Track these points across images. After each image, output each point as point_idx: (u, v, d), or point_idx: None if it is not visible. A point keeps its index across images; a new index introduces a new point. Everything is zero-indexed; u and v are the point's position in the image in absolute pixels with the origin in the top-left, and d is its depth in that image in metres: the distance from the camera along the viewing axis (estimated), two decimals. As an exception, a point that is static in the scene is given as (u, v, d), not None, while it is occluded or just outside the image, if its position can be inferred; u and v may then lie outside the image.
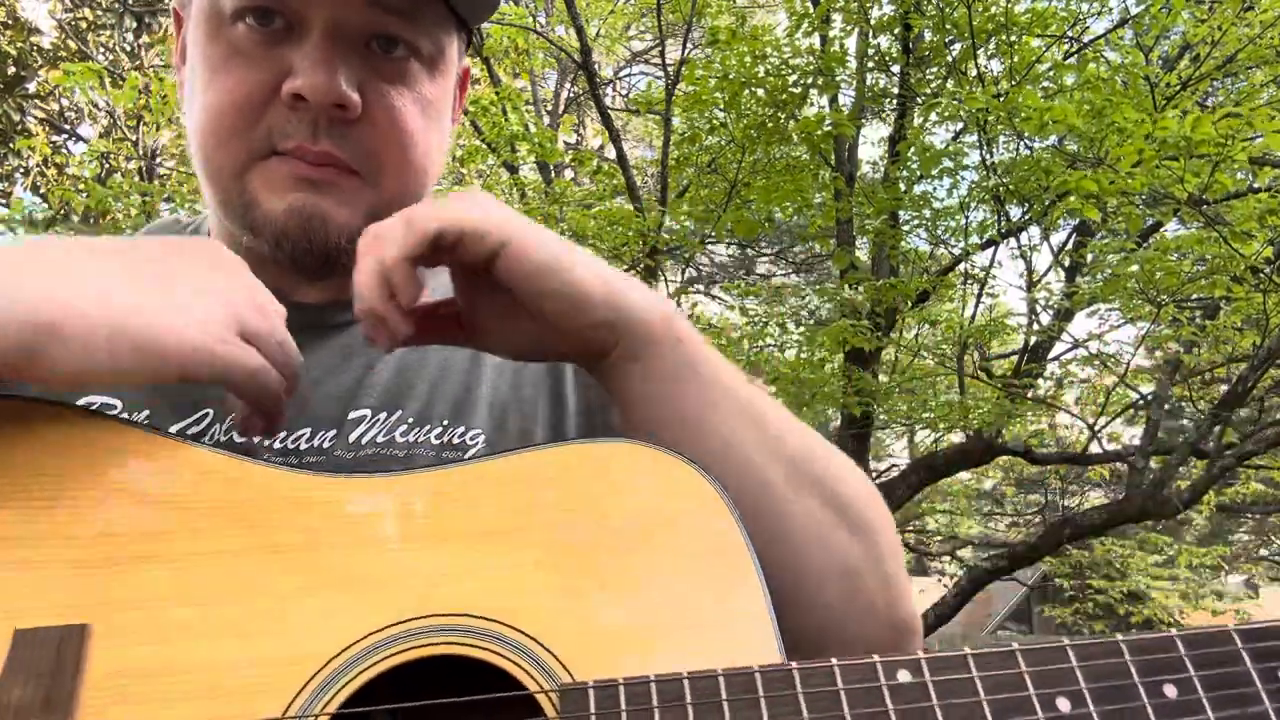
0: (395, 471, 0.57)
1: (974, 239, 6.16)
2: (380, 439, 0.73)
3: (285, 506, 0.54)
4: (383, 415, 0.74)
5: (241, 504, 0.54)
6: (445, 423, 0.75)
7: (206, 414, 0.70)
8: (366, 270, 0.59)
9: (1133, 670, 0.47)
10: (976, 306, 6.65)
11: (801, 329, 6.88)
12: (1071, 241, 6.86)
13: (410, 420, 0.74)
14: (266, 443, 0.69)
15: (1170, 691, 0.47)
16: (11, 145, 8.44)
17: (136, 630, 0.50)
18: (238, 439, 0.67)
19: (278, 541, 0.53)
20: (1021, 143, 5.22)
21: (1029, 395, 6.11)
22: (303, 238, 0.71)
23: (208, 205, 0.79)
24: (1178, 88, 5.07)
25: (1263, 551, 17.61)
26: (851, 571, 0.65)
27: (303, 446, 0.71)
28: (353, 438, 0.73)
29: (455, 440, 0.74)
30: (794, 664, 0.48)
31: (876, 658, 0.48)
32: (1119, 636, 0.49)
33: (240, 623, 0.50)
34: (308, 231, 0.71)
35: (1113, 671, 0.47)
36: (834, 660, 0.48)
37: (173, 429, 0.68)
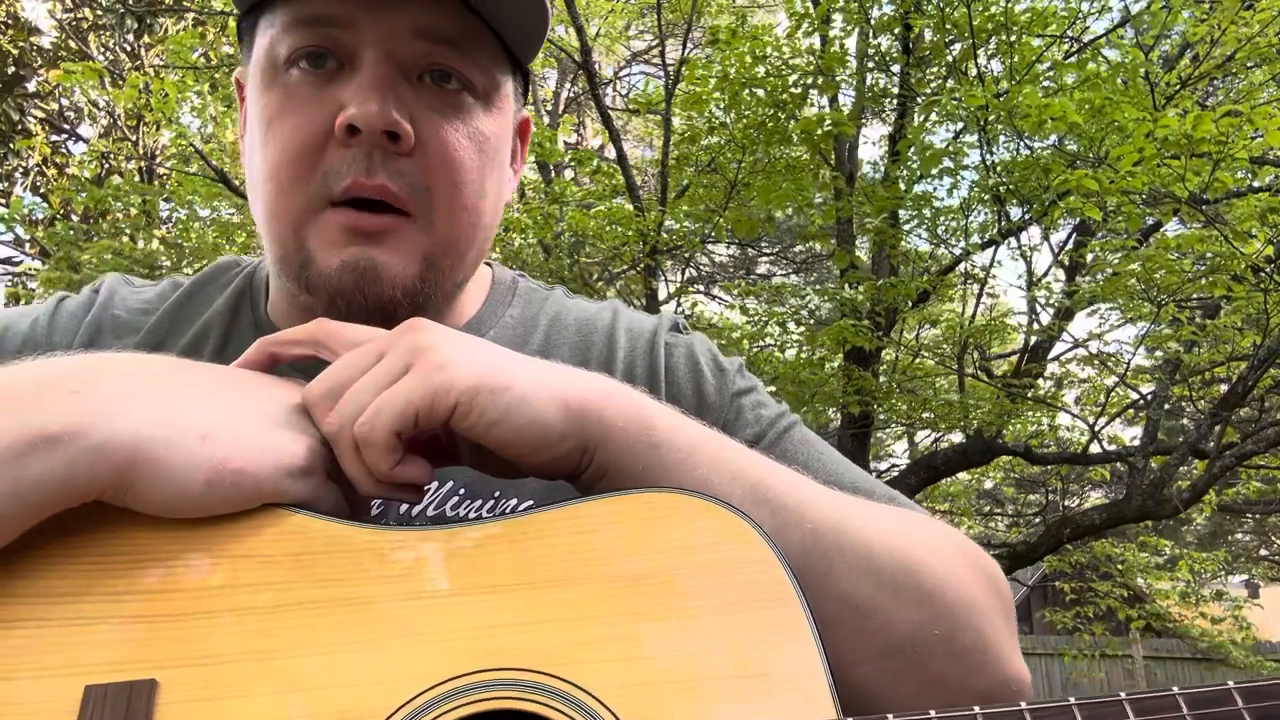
0: (447, 524, 0.57)
1: (974, 239, 6.17)
2: (431, 511, 0.72)
3: (340, 560, 0.55)
4: (433, 485, 0.72)
5: (298, 558, 0.55)
6: (497, 494, 0.74)
7: None
8: (365, 483, 0.58)
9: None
10: (976, 306, 6.65)
11: (801, 329, 6.88)
12: (1071, 241, 6.87)
13: (461, 492, 0.73)
14: None
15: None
16: (11, 145, 8.44)
17: (200, 685, 0.51)
18: None
19: (334, 596, 0.54)
20: (1021, 142, 5.22)
21: (1029, 395, 6.11)
22: (357, 293, 0.70)
23: (268, 262, 0.79)
24: (1178, 86, 5.07)
25: (1263, 552, 17.61)
26: (899, 649, 0.60)
27: None
28: (404, 508, 0.72)
29: (506, 512, 0.74)
30: None
31: (933, 713, 0.48)
32: (1175, 689, 0.47)
33: (300, 679, 0.51)
34: (361, 287, 0.70)
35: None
36: (890, 715, 0.47)
37: None
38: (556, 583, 0.54)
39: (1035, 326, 6.54)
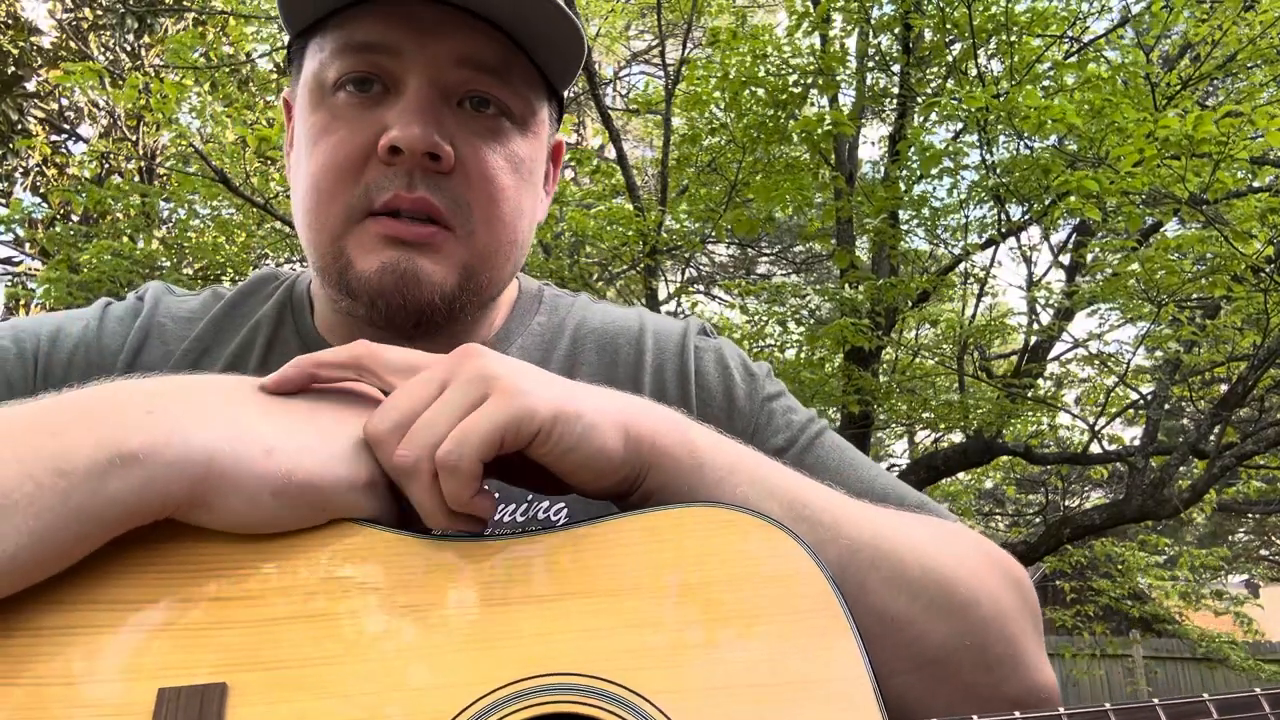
0: (499, 536, 0.59)
1: (974, 239, 6.17)
2: None
3: (402, 569, 0.57)
4: None
5: (362, 567, 0.57)
6: (529, 498, 0.75)
7: None
8: (436, 516, 0.57)
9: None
10: (976, 306, 6.65)
11: (802, 329, 6.88)
12: (1071, 241, 6.87)
13: (495, 495, 0.74)
14: None
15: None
16: (11, 145, 8.44)
17: (269, 689, 0.52)
18: None
19: (397, 603, 0.56)
20: (1021, 142, 5.22)
21: (1029, 395, 6.11)
22: (396, 295, 0.72)
23: (311, 271, 0.81)
24: (1178, 87, 5.07)
25: (1263, 551, 17.61)
26: (933, 660, 0.62)
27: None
28: None
29: (540, 515, 0.75)
30: None
31: (975, 718, 0.49)
32: (1205, 696, 0.49)
33: (364, 683, 0.53)
34: (401, 289, 0.71)
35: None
36: None
37: None
38: (611, 592, 0.56)
39: (1035, 326, 6.54)
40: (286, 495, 0.55)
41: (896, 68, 6.22)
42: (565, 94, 0.86)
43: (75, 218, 8.36)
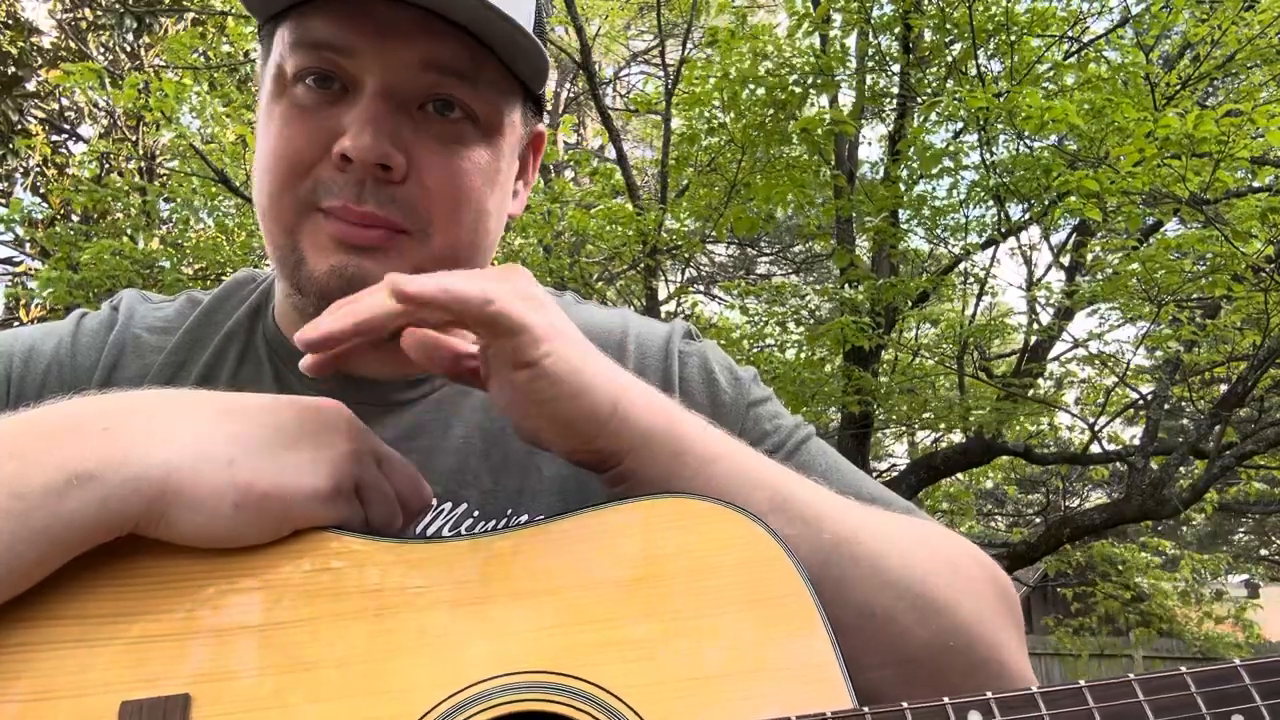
0: (467, 535, 0.59)
1: (974, 238, 6.16)
2: (446, 532, 0.74)
3: (368, 574, 0.57)
4: (447, 506, 0.74)
5: (326, 573, 0.57)
6: (509, 512, 0.75)
7: None
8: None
9: (1200, 702, 0.48)
10: (976, 306, 6.64)
11: (801, 329, 6.87)
12: (1071, 241, 6.86)
13: (475, 514, 0.75)
14: None
15: (1239, 720, 0.48)
16: (11, 145, 8.44)
17: (232, 699, 0.52)
18: None
19: (363, 608, 0.56)
20: (1021, 142, 5.22)
21: (1029, 395, 6.11)
22: (342, 298, 0.70)
23: (271, 262, 0.80)
24: (1178, 87, 5.07)
25: (1263, 552, 17.61)
26: (913, 658, 0.61)
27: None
28: (418, 528, 0.73)
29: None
30: (866, 709, 0.50)
31: (947, 700, 0.49)
32: (1183, 669, 0.50)
33: (330, 689, 0.53)
34: (346, 293, 0.69)
35: (1181, 704, 0.49)
36: (905, 704, 0.49)
37: None
38: (577, 587, 0.56)
39: (1035, 326, 6.54)
40: (248, 507, 0.55)
41: (896, 68, 6.21)
42: (542, 92, 0.83)
43: (75, 218, 8.36)
